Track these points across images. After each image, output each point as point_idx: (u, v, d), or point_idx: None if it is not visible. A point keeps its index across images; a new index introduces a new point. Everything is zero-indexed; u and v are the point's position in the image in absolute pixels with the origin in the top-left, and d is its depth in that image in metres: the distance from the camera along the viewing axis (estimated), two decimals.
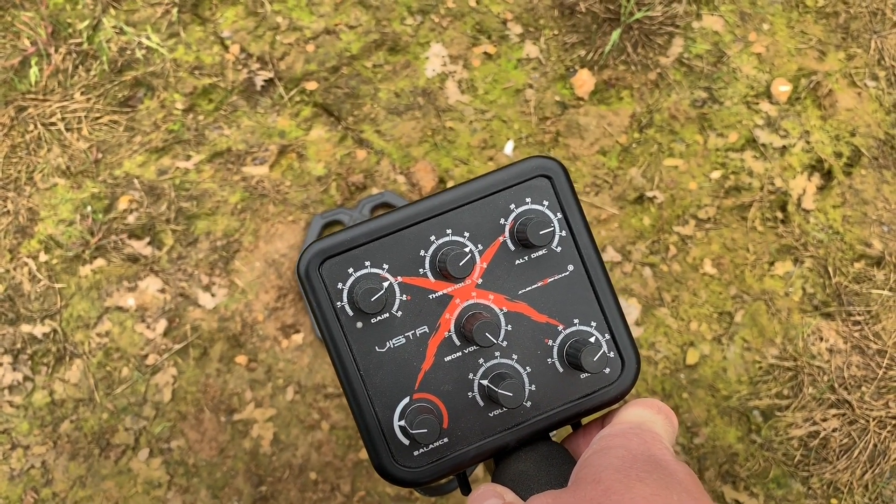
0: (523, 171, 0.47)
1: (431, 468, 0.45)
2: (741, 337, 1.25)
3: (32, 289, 1.21)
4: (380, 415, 0.45)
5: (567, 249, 0.47)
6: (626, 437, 0.40)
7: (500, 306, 0.46)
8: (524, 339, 0.46)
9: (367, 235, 0.45)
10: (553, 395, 0.46)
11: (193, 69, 1.30)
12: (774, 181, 1.31)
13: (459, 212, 0.46)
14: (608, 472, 0.37)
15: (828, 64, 1.35)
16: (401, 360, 0.45)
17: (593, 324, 0.47)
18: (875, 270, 1.28)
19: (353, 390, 0.45)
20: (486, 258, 0.46)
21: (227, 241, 1.24)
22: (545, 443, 0.47)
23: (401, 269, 0.45)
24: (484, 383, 0.46)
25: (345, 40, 1.33)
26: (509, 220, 0.46)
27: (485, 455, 0.46)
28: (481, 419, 0.46)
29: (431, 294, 0.46)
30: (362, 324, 0.45)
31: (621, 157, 1.31)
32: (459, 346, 0.46)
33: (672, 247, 1.28)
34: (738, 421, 1.23)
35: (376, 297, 0.43)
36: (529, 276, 0.46)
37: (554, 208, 0.47)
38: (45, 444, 1.17)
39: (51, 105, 1.27)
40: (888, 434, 1.22)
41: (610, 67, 1.33)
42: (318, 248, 0.45)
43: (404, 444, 0.45)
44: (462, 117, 1.30)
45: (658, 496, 0.35)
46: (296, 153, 1.28)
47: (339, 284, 0.45)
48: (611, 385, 0.47)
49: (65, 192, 1.25)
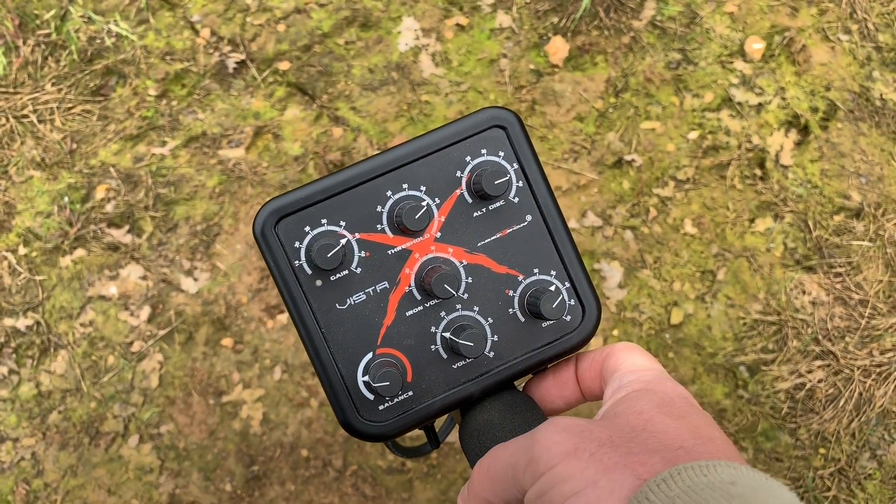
0: (477, 123, 0.46)
1: (397, 421, 0.45)
2: (724, 294, 1.26)
3: (13, 282, 1.21)
4: (343, 371, 0.45)
5: (524, 200, 0.47)
6: (661, 381, 0.40)
7: (460, 259, 0.46)
8: (485, 291, 0.46)
9: (321, 192, 0.45)
10: (516, 345, 0.47)
11: (165, 55, 1.29)
12: (752, 139, 1.31)
13: (415, 166, 0.46)
14: (650, 405, 0.36)
15: (800, 20, 1.35)
16: (362, 316, 0.45)
17: (553, 272, 0.47)
18: (854, 222, 1.29)
19: (315, 348, 0.45)
20: (443, 211, 0.46)
21: (207, 224, 1.24)
22: (510, 392, 0.47)
23: (358, 225, 0.45)
24: (446, 335, 0.46)
25: (315, 18, 1.32)
26: (465, 172, 0.46)
27: (450, 406, 0.46)
28: (445, 371, 0.46)
29: (390, 249, 0.45)
30: (321, 282, 0.45)
31: (598, 123, 1.30)
32: (420, 301, 0.46)
33: (652, 209, 1.28)
34: (725, 377, 1.23)
35: (333, 254, 0.43)
36: (488, 227, 0.46)
37: (510, 159, 0.46)
38: (34, 435, 1.16)
39: (22, 97, 1.26)
40: (872, 382, 1.23)
41: (583, 33, 1.33)
42: (273, 207, 0.44)
43: (369, 398, 0.45)
44: (437, 90, 1.30)
45: (702, 430, 0.34)
46: (271, 134, 1.28)
47: (296, 243, 0.44)
48: (572, 332, 0.47)
49: (41, 184, 1.24)
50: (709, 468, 0.30)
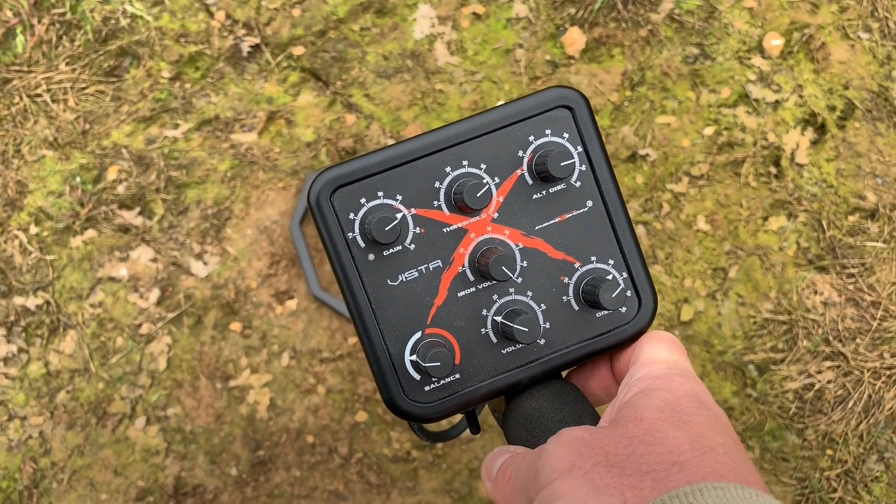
0: (543, 102, 0.44)
1: (442, 403, 0.44)
2: (735, 292, 1.25)
3: (24, 261, 1.21)
4: (391, 348, 0.44)
5: (586, 184, 0.45)
6: (669, 378, 0.39)
7: (516, 242, 0.45)
8: (539, 276, 0.45)
9: (380, 164, 0.43)
10: (568, 334, 0.45)
11: (179, 37, 1.29)
12: (767, 136, 1.30)
13: (476, 142, 0.44)
14: (651, 411, 0.36)
15: (820, 17, 1.34)
16: (413, 294, 0.44)
17: (611, 261, 0.46)
18: (869, 223, 1.28)
19: (363, 323, 0.44)
20: (502, 192, 0.45)
21: (218, 208, 1.24)
22: (557, 381, 0.46)
23: (415, 200, 0.44)
24: (498, 319, 0.45)
25: (331, 4, 1.31)
26: (528, 152, 0.44)
27: (496, 392, 0.45)
28: (494, 356, 0.45)
29: (446, 227, 0.44)
30: (374, 255, 0.44)
31: (613, 116, 1.30)
32: (473, 282, 0.45)
33: (665, 204, 1.27)
34: (734, 375, 1.23)
35: (390, 227, 0.42)
36: (547, 211, 0.45)
37: (574, 141, 0.45)
38: (42, 414, 1.17)
39: (36, 76, 1.26)
40: (882, 384, 1.22)
41: (600, 25, 1.32)
42: (330, 176, 0.43)
43: (415, 378, 0.44)
44: (452, 79, 1.29)
45: (703, 438, 0.34)
46: (284, 119, 1.27)
47: (351, 214, 0.43)
48: (627, 324, 0.46)
49: (53, 164, 1.24)
50: (695, 495, 0.30)
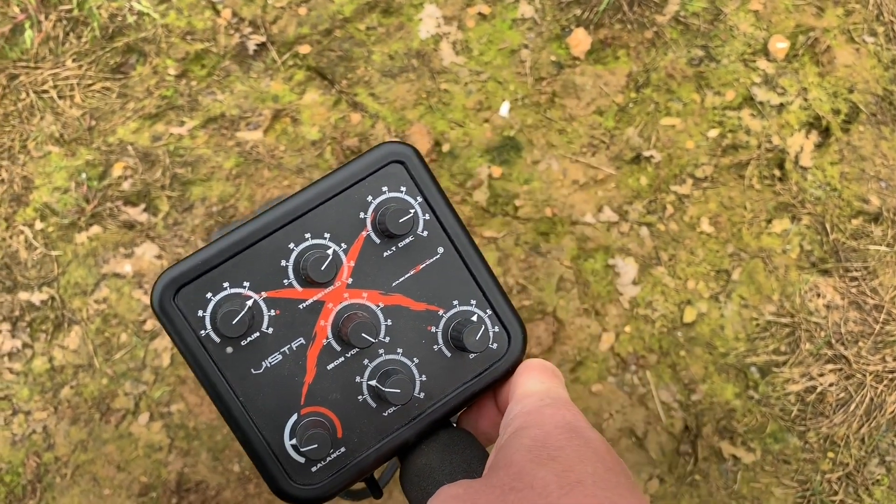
0: (374, 161, 0.44)
1: (333, 481, 0.44)
2: (738, 294, 1.25)
3: (29, 256, 1.21)
4: (268, 438, 0.43)
5: (433, 232, 0.45)
6: (539, 411, 0.39)
7: (376, 302, 0.44)
8: (407, 331, 0.45)
9: (219, 255, 0.42)
10: (445, 381, 0.45)
11: (185, 34, 1.29)
12: (772, 139, 1.30)
13: (316, 213, 0.43)
14: (520, 454, 0.36)
15: (826, 20, 1.34)
16: (281, 377, 0.43)
17: (473, 302, 0.46)
18: (872, 226, 1.28)
19: (234, 420, 0.43)
20: (352, 256, 0.44)
21: (223, 206, 1.24)
22: (446, 431, 0.46)
23: (264, 283, 0.43)
24: (372, 384, 0.44)
25: (337, 3, 1.31)
26: (369, 212, 0.44)
27: (386, 456, 0.45)
28: (376, 420, 0.44)
29: (301, 304, 0.43)
30: (232, 348, 0.42)
31: (618, 117, 1.30)
32: (340, 352, 0.44)
33: (669, 206, 1.27)
34: (736, 377, 1.23)
35: (238, 319, 0.41)
36: (400, 265, 0.45)
37: (413, 192, 0.45)
38: (46, 409, 1.17)
39: (42, 73, 1.26)
40: (884, 388, 1.22)
41: (606, 26, 1.32)
42: (169, 277, 0.42)
43: (300, 462, 0.43)
44: (457, 79, 1.29)
45: (571, 472, 0.34)
46: (290, 117, 1.28)
47: (200, 312, 0.42)
48: (501, 359, 0.46)
49: (59, 160, 1.25)
50: None
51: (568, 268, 1.25)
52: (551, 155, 1.28)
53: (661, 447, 1.20)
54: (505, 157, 1.27)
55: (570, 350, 1.22)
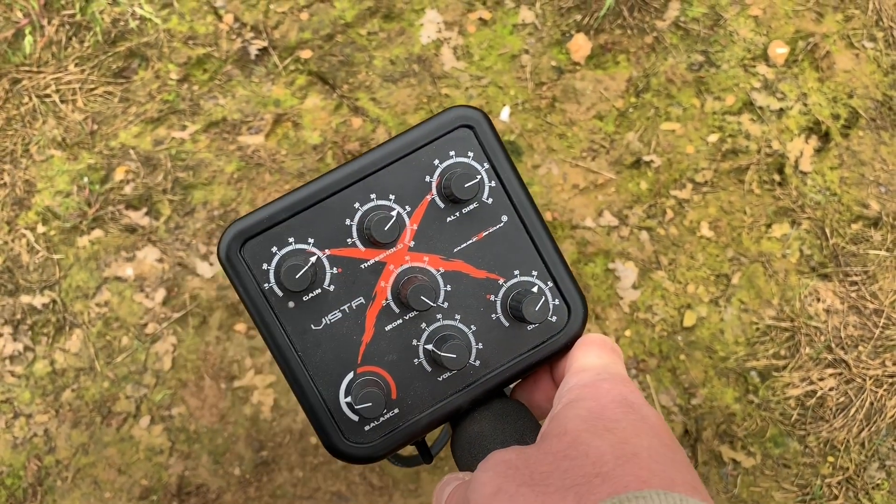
0: (443, 124, 0.44)
1: (385, 441, 0.44)
2: (738, 299, 1.25)
3: (31, 260, 1.22)
4: (324, 394, 0.43)
5: (498, 200, 0.45)
6: (596, 385, 0.39)
7: (437, 267, 0.44)
8: (465, 298, 0.45)
9: (286, 210, 0.43)
10: (502, 351, 0.45)
11: (187, 39, 1.30)
12: (772, 144, 1.30)
13: (382, 174, 0.44)
14: (575, 423, 0.36)
15: (825, 25, 1.34)
16: (339, 335, 0.43)
17: (534, 273, 0.45)
18: (872, 231, 1.28)
19: (292, 373, 0.43)
20: (415, 219, 0.44)
21: (224, 210, 1.24)
22: (500, 400, 0.46)
23: (328, 241, 0.43)
24: (429, 348, 0.44)
25: (339, 8, 1.32)
26: (435, 176, 0.44)
27: (438, 420, 0.45)
28: (431, 385, 0.44)
29: (363, 263, 0.44)
30: (294, 303, 0.43)
31: (618, 122, 1.30)
32: (399, 314, 0.44)
33: (669, 210, 1.27)
34: (736, 381, 1.23)
35: (302, 274, 0.41)
36: (463, 231, 0.45)
37: (480, 159, 0.45)
38: (48, 412, 1.18)
39: (45, 77, 1.27)
40: (884, 392, 1.22)
41: (606, 31, 1.32)
42: (237, 229, 0.42)
43: (354, 420, 0.44)
44: (458, 84, 1.30)
45: (627, 444, 0.33)
46: (291, 122, 1.28)
47: (265, 265, 0.43)
48: (559, 333, 0.46)
49: (61, 164, 1.25)
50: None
51: None
52: (551, 159, 1.28)
53: None
54: None
55: None
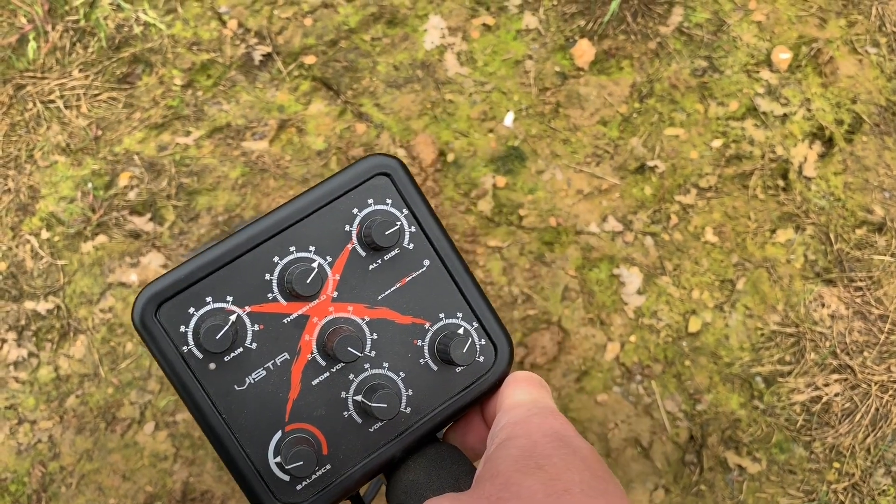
0: (359, 173, 0.44)
1: (319, 499, 0.43)
2: (743, 304, 1.25)
3: (35, 266, 1.22)
4: (252, 456, 0.42)
5: (419, 244, 0.45)
6: (527, 421, 0.39)
7: (362, 316, 0.44)
8: (393, 345, 0.44)
9: (202, 269, 0.41)
10: (432, 395, 0.45)
11: (191, 45, 1.30)
12: (775, 149, 1.30)
13: (300, 226, 0.43)
14: (507, 464, 0.35)
15: (829, 31, 1.35)
16: (265, 393, 0.42)
17: (459, 314, 0.45)
18: (877, 236, 1.28)
19: (217, 437, 0.42)
20: (337, 269, 0.43)
21: (229, 216, 1.24)
22: (433, 446, 0.46)
23: (247, 297, 0.42)
24: (358, 399, 0.43)
25: (342, 13, 1.32)
26: (355, 225, 0.44)
27: (372, 473, 0.44)
28: (362, 436, 0.44)
29: (286, 318, 0.43)
30: (215, 364, 0.42)
31: (622, 127, 1.30)
32: (326, 367, 0.43)
33: (673, 216, 1.27)
34: (741, 387, 1.23)
35: (222, 334, 0.40)
36: (386, 278, 0.44)
37: (398, 205, 0.44)
38: (52, 418, 1.17)
39: (49, 83, 1.27)
40: (890, 398, 1.22)
41: (610, 37, 1.33)
42: (151, 292, 0.41)
43: (285, 480, 0.43)
44: (461, 89, 1.30)
45: (558, 481, 0.33)
46: (295, 127, 1.28)
47: (182, 327, 0.41)
48: (487, 372, 0.46)
49: (65, 170, 1.25)
50: None
51: (573, 277, 1.25)
52: (555, 165, 1.28)
53: (667, 457, 1.20)
54: (509, 166, 1.28)
55: (575, 360, 1.22)
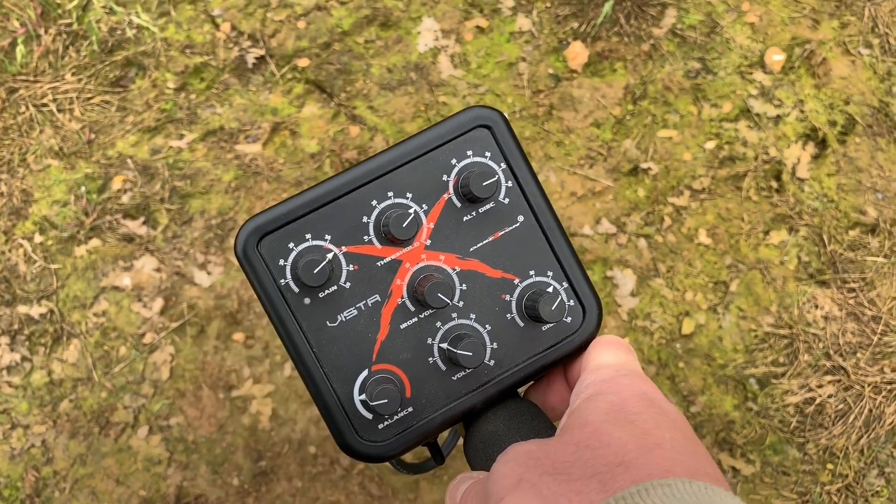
0: (461, 124, 0.44)
1: (398, 440, 0.44)
2: (736, 306, 1.25)
3: (28, 270, 1.21)
4: (338, 391, 0.43)
5: (515, 200, 0.45)
6: (615, 381, 0.39)
7: (453, 266, 0.45)
8: (481, 297, 0.45)
9: (304, 207, 0.43)
10: (516, 351, 0.45)
11: (184, 48, 1.30)
12: (769, 150, 1.30)
13: (399, 172, 0.44)
14: (596, 415, 0.36)
15: (821, 32, 1.35)
16: (355, 332, 0.44)
17: (549, 273, 0.46)
18: (870, 238, 1.28)
19: (307, 369, 0.43)
20: (432, 218, 0.44)
21: (222, 219, 1.24)
22: (514, 400, 0.46)
23: (344, 238, 0.43)
24: (444, 346, 0.44)
25: (336, 16, 1.32)
26: (452, 175, 0.44)
27: (452, 420, 0.45)
28: (445, 384, 0.44)
29: (379, 261, 0.44)
30: (310, 299, 0.43)
31: (615, 129, 1.30)
32: (414, 312, 0.44)
33: (667, 218, 1.28)
34: (735, 389, 1.23)
35: (319, 269, 0.41)
36: (479, 231, 0.45)
37: (497, 158, 0.45)
38: (45, 423, 1.17)
39: (42, 86, 1.27)
40: (883, 399, 1.22)
41: (603, 39, 1.33)
42: (254, 225, 0.43)
43: (367, 418, 0.44)
44: (455, 92, 1.30)
45: (649, 435, 0.33)
46: (289, 130, 1.28)
47: (281, 261, 0.43)
48: (574, 333, 0.46)
49: (58, 173, 1.25)
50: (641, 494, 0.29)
51: None
52: (549, 167, 1.29)
53: None
54: None
55: None
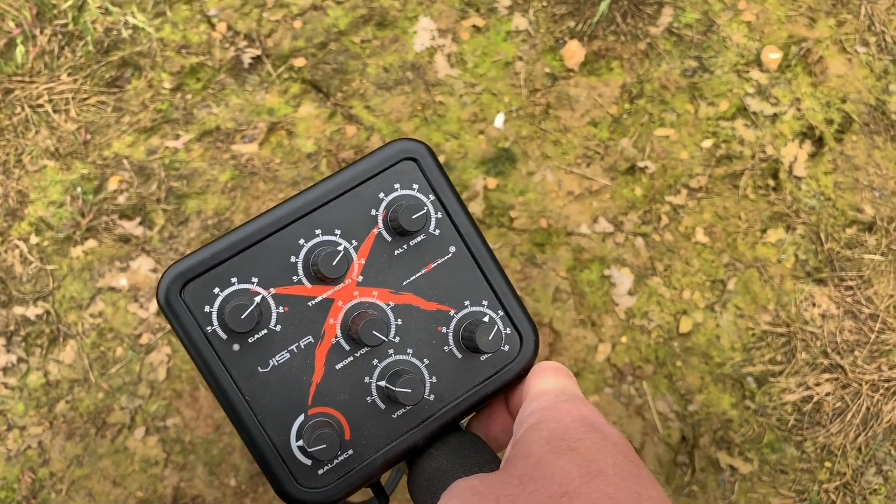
0: (387, 157, 0.44)
1: (340, 484, 0.43)
2: (734, 304, 1.25)
3: (24, 271, 1.21)
4: (274, 439, 0.42)
5: (446, 231, 0.45)
6: (556, 407, 0.39)
7: (387, 301, 0.44)
8: (417, 331, 0.44)
9: (228, 250, 0.42)
10: (456, 383, 0.44)
11: (180, 48, 1.29)
12: (766, 149, 1.30)
13: (326, 209, 0.43)
14: (538, 445, 0.35)
15: (818, 30, 1.35)
16: (288, 376, 0.42)
17: (485, 302, 0.45)
18: (867, 235, 1.28)
19: (239, 419, 0.42)
20: (362, 253, 0.43)
21: (219, 219, 1.24)
22: (456, 434, 0.45)
23: (272, 280, 0.42)
24: (382, 384, 0.43)
25: (332, 16, 1.32)
26: (381, 209, 0.43)
27: (395, 459, 0.44)
28: (385, 422, 0.43)
29: (311, 301, 0.43)
30: (239, 345, 0.42)
31: (612, 128, 1.30)
32: (350, 351, 0.43)
33: (664, 216, 1.27)
34: (732, 387, 1.23)
35: (247, 314, 0.40)
36: (412, 264, 0.44)
37: (425, 190, 0.44)
38: (42, 424, 1.17)
39: (38, 87, 1.26)
40: (881, 397, 1.22)
41: (599, 38, 1.32)
42: (176, 271, 0.41)
43: (306, 464, 0.42)
44: (452, 91, 1.30)
45: (592, 462, 0.33)
46: (285, 130, 1.28)
47: (207, 307, 0.41)
48: (512, 362, 0.45)
49: (54, 174, 1.25)
50: None
51: (564, 279, 1.25)
52: (546, 166, 1.28)
53: (659, 458, 1.20)
54: (500, 168, 1.27)
55: (567, 361, 1.22)
